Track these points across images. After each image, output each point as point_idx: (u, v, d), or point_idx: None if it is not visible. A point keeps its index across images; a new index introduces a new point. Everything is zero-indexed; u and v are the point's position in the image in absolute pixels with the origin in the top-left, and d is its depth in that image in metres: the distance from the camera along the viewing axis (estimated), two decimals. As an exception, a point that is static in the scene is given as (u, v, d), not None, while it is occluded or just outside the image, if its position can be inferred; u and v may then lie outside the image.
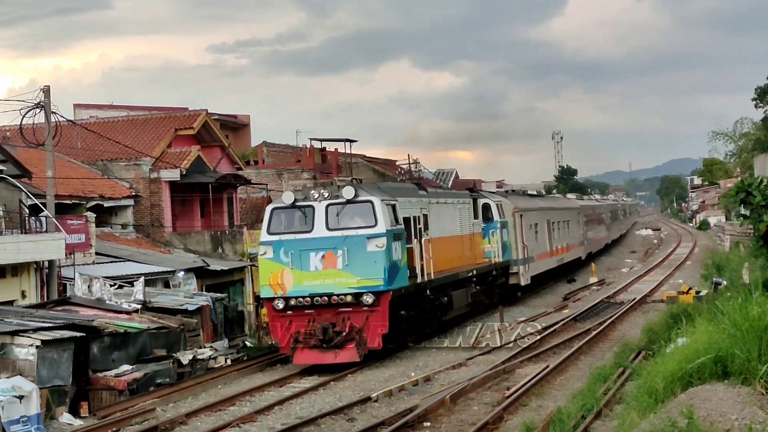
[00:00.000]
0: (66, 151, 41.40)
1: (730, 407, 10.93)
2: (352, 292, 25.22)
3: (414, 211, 29.43)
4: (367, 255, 25.33)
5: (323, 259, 25.18)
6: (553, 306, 41.23)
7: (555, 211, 55.60)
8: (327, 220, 25.96)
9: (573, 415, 17.67)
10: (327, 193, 26.14)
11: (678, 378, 14.05)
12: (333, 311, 25.52)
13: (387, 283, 25.17)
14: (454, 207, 35.40)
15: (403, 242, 27.27)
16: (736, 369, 12.72)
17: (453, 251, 33.66)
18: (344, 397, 22.18)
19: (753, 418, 9.92)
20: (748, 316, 13.32)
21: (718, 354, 13.39)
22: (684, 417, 10.71)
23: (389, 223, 26.09)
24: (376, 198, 25.91)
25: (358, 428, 18.70)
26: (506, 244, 40.65)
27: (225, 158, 49.90)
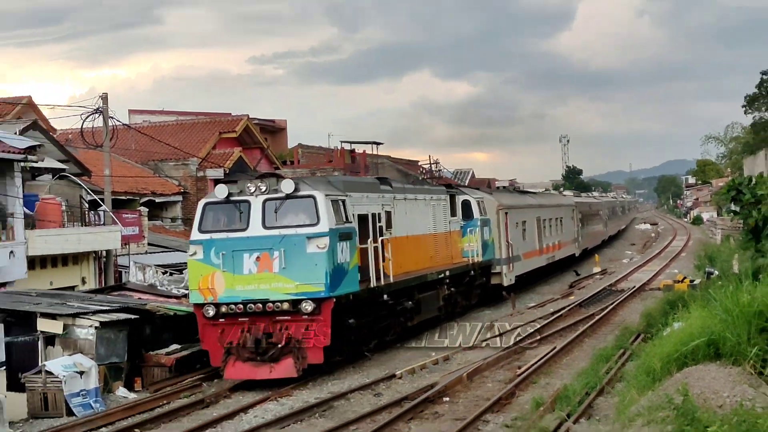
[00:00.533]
0: (121, 152, 41.65)
1: (722, 385, 10.90)
2: (290, 299, 19.90)
3: (374, 208, 24.08)
4: (307, 257, 20.03)
5: (258, 261, 20.00)
6: (560, 293, 41.07)
7: (546, 208, 49.25)
8: (264, 216, 20.48)
9: (578, 391, 17.64)
10: (264, 186, 20.49)
11: (674, 359, 14.02)
12: (269, 319, 20.20)
13: (329, 289, 19.92)
14: (427, 204, 29.32)
15: (354, 242, 21.84)
16: (727, 351, 12.70)
17: (423, 251, 27.99)
18: (371, 375, 22.23)
19: (743, 395, 9.89)
20: (739, 303, 13.29)
21: (711, 337, 13.37)
22: (680, 394, 10.69)
23: (334, 221, 20.74)
24: (318, 193, 20.54)
25: (383, 402, 18.73)
26: (487, 243, 34.61)
27: (264, 159, 50.07)
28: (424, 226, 28.35)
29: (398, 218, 25.66)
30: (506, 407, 17.72)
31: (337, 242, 20.62)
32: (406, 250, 25.96)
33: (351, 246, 21.59)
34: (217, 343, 20.23)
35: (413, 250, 26.73)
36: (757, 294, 13.03)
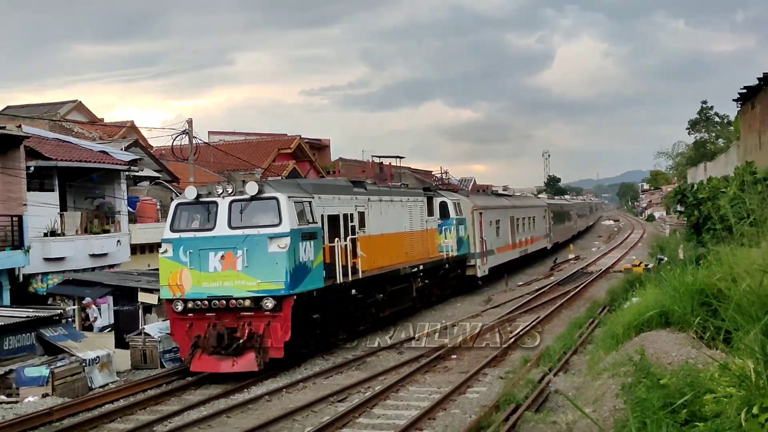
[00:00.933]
0: (202, 164, 41.68)
1: (671, 347, 10.84)
2: (251, 296, 17.10)
3: (346, 209, 21.13)
4: (269, 256, 17.17)
5: (222, 260, 17.24)
6: (543, 275, 40.93)
7: (520, 209, 45.37)
8: (230, 217, 17.62)
9: (557, 351, 17.64)
10: (231, 188, 17.80)
11: (633, 326, 13.96)
12: (234, 315, 17.35)
13: (290, 287, 17.06)
14: (403, 205, 26.22)
15: (319, 241, 18.76)
16: (675, 320, 12.62)
17: (397, 247, 24.84)
18: (396, 337, 22.22)
19: (687, 355, 9.82)
20: (684, 283, 13.20)
21: (662, 309, 13.29)
22: (637, 354, 10.62)
23: (297, 222, 17.75)
24: (281, 194, 17.66)
25: (405, 359, 18.74)
26: (462, 239, 31.30)
27: (312, 170, 50.08)
28: (399, 225, 25.37)
29: (372, 218, 22.80)
30: (501, 363, 17.72)
31: (299, 242, 17.64)
32: (380, 247, 23.10)
33: (316, 245, 18.52)
34: (185, 337, 17.37)
35: (388, 247, 23.74)
36: (698, 276, 12.92)
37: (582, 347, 18.09)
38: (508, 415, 12.64)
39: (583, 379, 14.23)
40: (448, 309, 27.98)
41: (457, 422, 12.98)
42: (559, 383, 14.66)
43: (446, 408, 13.99)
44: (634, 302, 17.82)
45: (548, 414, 12.78)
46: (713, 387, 7.04)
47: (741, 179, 24.55)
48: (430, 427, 12.88)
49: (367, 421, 13.44)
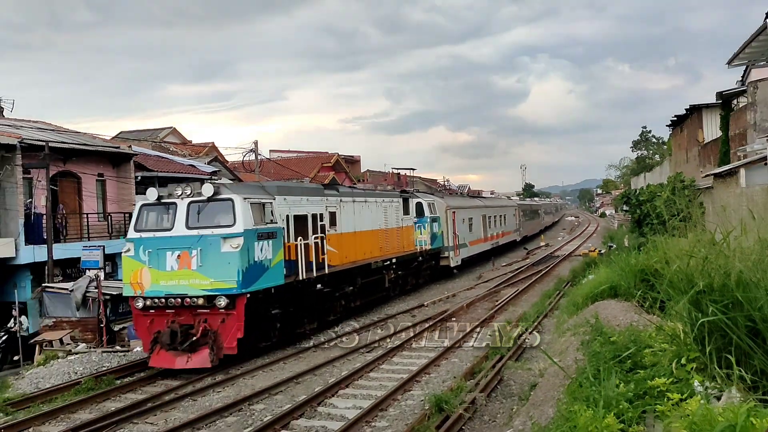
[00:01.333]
0: (265, 174, 41.73)
1: (618, 313, 10.75)
2: (205, 295, 13.90)
3: (316, 209, 17.68)
4: (221, 256, 13.91)
5: (179, 259, 14.08)
6: (521, 257, 40.72)
7: (491, 208, 41.62)
8: (188, 218, 14.45)
9: (532, 315, 17.57)
10: (190, 190, 14.74)
11: (589, 297, 13.86)
12: (191, 312, 14.12)
13: (242, 285, 13.81)
14: (378, 205, 22.74)
15: (278, 241, 15.26)
16: (622, 292, 12.51)
17: (371, 243, 21.36)
18: (410, 304, 22.21)
19: (631, 319, 9.73)
20: (628, 264, 13.08)
21: (612, 284, 13.18)
22: (593, 318, 10.54)
23: (252, 222, 14.43)
24: (236, 196, 14.48)
25: (417, 320, 18.72)
26: (436, 235, 28.13)
27: (347, 179, 50.09)
28: (374, 223, 21.79)
29: (345, 217, 19.44)
30: (489, 324, 17.66)
31: (254, 241, 14.33)
32: (353, 243, 19.79)
33: (275, 244, 15.13)
34: (147, 333, 14.35)
35: (360, 243, 20.42)
36: (639, 259, 12.79)
37: (551, 312, 17.99)
38: (494, 363, 12.63)
39: (551, 337, 14.16)
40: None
41: (456, 368, 12.98)
42: (533, 340, 14.61)
43: (448, 358, 13.99)
44: (590, 279, 17.73)
45: (525, 363, 12.75)
46: (651, 343, 6.99)
47: (672, 186, 24.33)
48: (436, 371, 12.89)
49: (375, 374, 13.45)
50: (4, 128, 22.87)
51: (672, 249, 7.34)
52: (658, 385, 5.57)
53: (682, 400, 5.07)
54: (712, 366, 5.46)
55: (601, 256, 26.42)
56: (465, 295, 23.58)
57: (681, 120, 33.49)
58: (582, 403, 5.60)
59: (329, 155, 50.71)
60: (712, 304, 5.44)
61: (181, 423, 10.17)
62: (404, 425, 9.54)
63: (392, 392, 11.11)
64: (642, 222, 26.81)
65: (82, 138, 26.64)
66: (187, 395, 11.86)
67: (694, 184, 24.41)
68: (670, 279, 6.42)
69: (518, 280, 27.34)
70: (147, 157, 28.95)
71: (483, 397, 10.56)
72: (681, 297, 5.99)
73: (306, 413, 10.45)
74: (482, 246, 36.98)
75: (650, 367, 6.29)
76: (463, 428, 9.47)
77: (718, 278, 5.64)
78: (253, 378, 13.08)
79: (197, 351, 13.61)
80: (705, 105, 28.72)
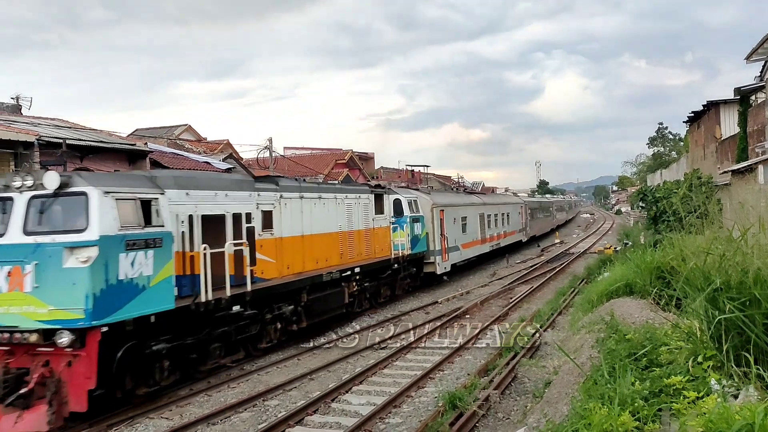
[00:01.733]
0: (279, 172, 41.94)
1: (634, 310, 10.67)
2: (40, 328, 9.32)
3: (239, 207, 13.35)
4: (64, 273, 9.37)
5: (9, 277, 9.49)
6: (535, 255, 40.55)
7: (491, 206, 36.37)
8: (26, 219, 9.87)
9: (546, 312, 17.50)
10: (32, 180, 10.04)
11: (605, 294, 13.80)
12: (28, 352, 9.55)
13: (95, 315, 9.31)
14: (339, 202, 18.19)
15: (164, 250, 10.68)
16: (637, 290, 12.45)
17: (326, 249, 17.01)
18: (424, 301, 22.19)
19: (647, 317, 9.67)
20: (644, 261, 13.01)
21: (627, 281, 13.12)
22: (608, 315, 10.49)
23: (115, 226, 9.84)
24: (93, 189, 9.77)
25: (430, 317, 18.69)
26: (418, 237, 23.54)
27: (361, 176, 50.08)
28: (332, 225, 17.55)
29: (287, 218, 15.20)
30: (503, 321, 17.60)
31: (120, 252, 9.88)
32: (299, 250, 15.64)
33: (159, 255, 10.63)
34: None
35: (311, 250, 16.17)
36: (655, 256, 12.71)
37: (565, 310, 17.91)
38: (508, 360, 12.60)
39: (565, 334, 14.08)
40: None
41: (470, 365, 12.96)
42: (548, 337, 14.55)
43: (461, 355, 13.97)
44: (605, 276, 17.62)
45: (539, 360, 12.70)
46: (667, 341, 6.94)
47: (690, 182, 24.10)
48: (450, 368, 12.88)
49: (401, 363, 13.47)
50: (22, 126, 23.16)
51: (688, 246, 7.28)
52: (674, 383, 5.54)
53: (699, 399, 5.04)
54: (729, 364, 5.41)
55: (616, 254, 26.25)
56: (479, 293, 23.53)
57: (698, 116, 33.16)
58: (597, 401, 5.57)
59: (343, 152, 50.76)
60: (730, 301, 5.39)
61: (196, 418, 10.24)
62: (418, 422, 9.54)
63: (406, 389, 11.12)
64: (658, 219, 26.60)
65: (98, 135, 26.88)
66: (202, 391, 11.94)
67: (712, 180, 24.18)
68: (687, 276, 6.36)
69: (532, 278, 27.22)
70: (162, 154, 29.11)
71: (497, 394, 10.53)
72: (697, 294, 5.95)
73: (320, 409, 10.48)
74: (478, 249, 32.24)
75: (666, 365, 6.26)
76: (477, 425, 9.46)
77: (736, 275, 5.59)
78: (267, 374, 13.13)
79: (31, 407, 9.35)
80: (723, 101, 28.44)
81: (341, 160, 48.54)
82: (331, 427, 9.70)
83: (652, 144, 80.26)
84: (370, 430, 9.47)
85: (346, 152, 50.39)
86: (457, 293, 23.55)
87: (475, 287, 25.24)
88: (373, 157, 64.59)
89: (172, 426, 10.05)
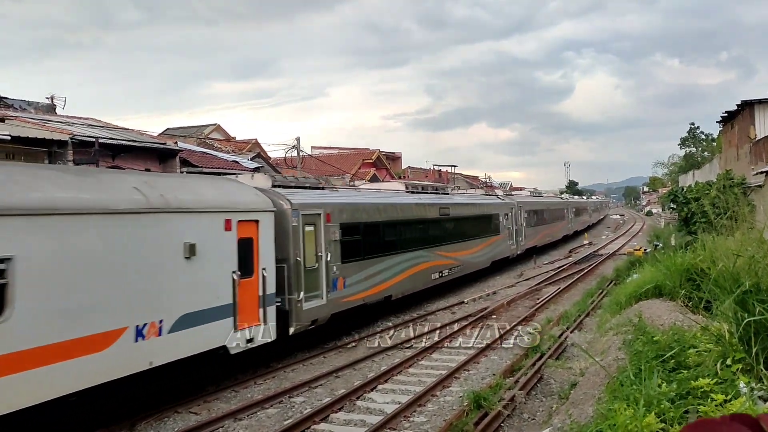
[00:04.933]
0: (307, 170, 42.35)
1: (662, 312, 10.56)
2: None
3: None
4: None
5: None
6: (564, 255, 40.19)
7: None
8: None
9: (573, 314, 17.36)
10: None
11: (633, 296, 13.66)
12: None
13: None
14: None
15: None
16: (667, 292, 12.31)
17: None
18: (450, 301, 22.16)
19: (676, 319, 9.55)
20: (674, 263, 12.86)
21: (657, 283, 12.98)
22: (636, 317, 10.39)
23: None
24: None
25: (457, 317, 18.68)
26: None
27: (388, 175, 50.16)
28: None
29: None
30: (530, 321, 17.53)
31: None
32: None
33: None
34: None
35: None
36: (685, 258, 12.56)
37: (593, 311, 17.76)
38: (534, 361, 12.54)
39: (593, 336, 13.97)
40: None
41: (496, 366, 12.93)
42: (575, 338, 14.44)
43: (487, 355, 13.94)
44: (634, 278, 17.43)
45: (565, 362, 12.63)
46: (695, 343, 6.86)
47: (722, 183, 23.71)
48: (475, 368, 12.86)
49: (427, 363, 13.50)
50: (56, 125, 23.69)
51: (719, 248, 7.20)
52: (701, 386, 5.47)
53: (727, 402, 4.98)
54: (759, 367, 5.34)
55: (646, 255, 25.93)
56: (505, 293, 23.42)
57: (732, 116, 32.57)
58: (622, 402, 5.54)
59: (370, 152, 50.91)
60: (759, 303, 5.33)
61: (223, 413, 10.40)
62: (442, 421, 9.56)
63: (431, 388, 11.14)
64: (689, 220, 26.21)
65: (130, 134, 27.36)
66: (230, 386, 12.10)
67: (745, 182, 23.72)
68: (716, 279, 6.30)
69: (560, 279, 27.01)
70: (192, 154, 29.55)
71: (522, 394, 10.51)
72: (726, 296, 5.88)
73: (345, 407, 10.56)
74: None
75: (694, 367, 6.19)
76: (502, 425, 9.45)
77: (766, 278, 5.52)
78: (294, 371, 13.26)
79: None
80: (757, 101, 27.90)
81: (368, 159, 48.70)
82: (356, 424, 9.77)
83: (683, 144, 78.98)
84: (395, 429, 9.51)
85: (373, 152, 50.53)
86: (483, 293, 23.48)
87: (502, 288, 25.13)
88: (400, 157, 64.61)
89: (199, 420, 10.22)
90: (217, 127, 42.53)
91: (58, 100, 30.08)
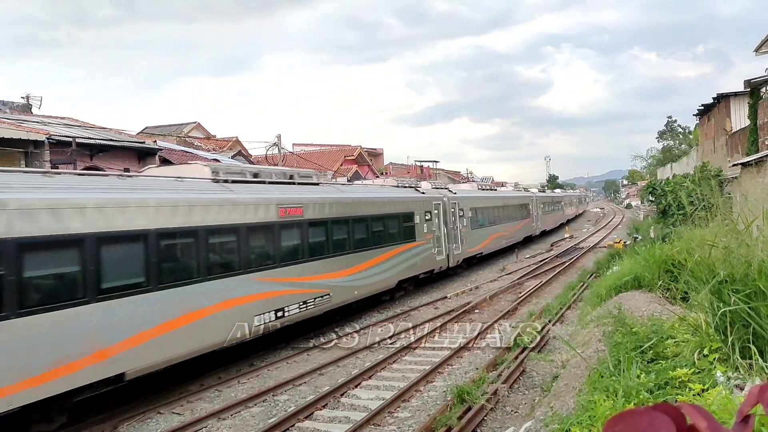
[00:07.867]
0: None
1: (642, 304, 10.68)
2: None
3: None
4: None
5: None
6: (545, 249, 40.45)
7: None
8: None
9: (555, 307, 17.48)
10: None
11: (613, 288, 13.80)
12: None
13: None
14: None
15: None
16: (645, 283, 12.45)
17: None
18: (433, 296, 22.21)
19: (654, 310, 9.68)
20: (653, 255, 13.01)
21: (636, 275, 13.13)
22: (616, 309, 10.50)
23: None
24: None
25: (440, 312, 18.75)
26: None
27: (370, 172, 50.11)
28: None
29: None
30: (512, 315, 17.63)
31: None
32: None
33: None
34: None
35: None
36: (664, 250, 12.72)
37: (574, 304, 17.91)
38: (517, 354, 12.63)
39: (574, 328, 14.09)
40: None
41: (479, 360, 13.00)
42: (557, 331, 14.56)
43: (470, 350, 14.02)
44: (614, 270, 17.62)
45: (548, 354, 12.73)
46: (673, 334, 6.96)
47: (698, 176, 24.01)
48: (459, 363, 12.92)
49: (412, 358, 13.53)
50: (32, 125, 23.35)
51: (694, 239, 7.30)
52: (679, 376, 5.56)
53: (704, 391, 5.06)
54: (735, 356, 5.43)
55: (626, 248, 26.19)
56: (488, 288, 23.53)
57: (708, 109, 32.98)
58: (602, 393, 5.62)
59: (352, 148, 50.80)
60: (734, 293, 5.41)
61: (207, 413, 10.35)
62: (426, 416, 9.61)
63: (414, 383, 11.19)
64: (667, 213, 26.52)
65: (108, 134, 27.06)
66: (213, 386, 12.05)
67: (721, 174, 24.03)
68: (692, 269, 6.39)
69: (541, 272, 27.19)
70: (172, 152, 29.31)
71: (505, 388, 10.58)
72: (702, 287, 5.97)
73: (329, 404, 10.57)
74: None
75: (672, 357, 6.28)
76: (485, 419, 9.51)
77: (740, 268, 5.61)
78: (278, 369, 13.24)
79: None
80: (733, 93, 28.26)
81: (350, 156, 48.59)
82: (341, 421, 9.79)
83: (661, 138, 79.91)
84: (379, 424, 9.54)
85: (354, 148, 50.42)
86: (467, 288, 23.58)
87: (485, 282, 25.24)
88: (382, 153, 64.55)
89: (182, 421, 10.17)
90: (197, 125, 42.20)
91: (33, 100, 29.65)
